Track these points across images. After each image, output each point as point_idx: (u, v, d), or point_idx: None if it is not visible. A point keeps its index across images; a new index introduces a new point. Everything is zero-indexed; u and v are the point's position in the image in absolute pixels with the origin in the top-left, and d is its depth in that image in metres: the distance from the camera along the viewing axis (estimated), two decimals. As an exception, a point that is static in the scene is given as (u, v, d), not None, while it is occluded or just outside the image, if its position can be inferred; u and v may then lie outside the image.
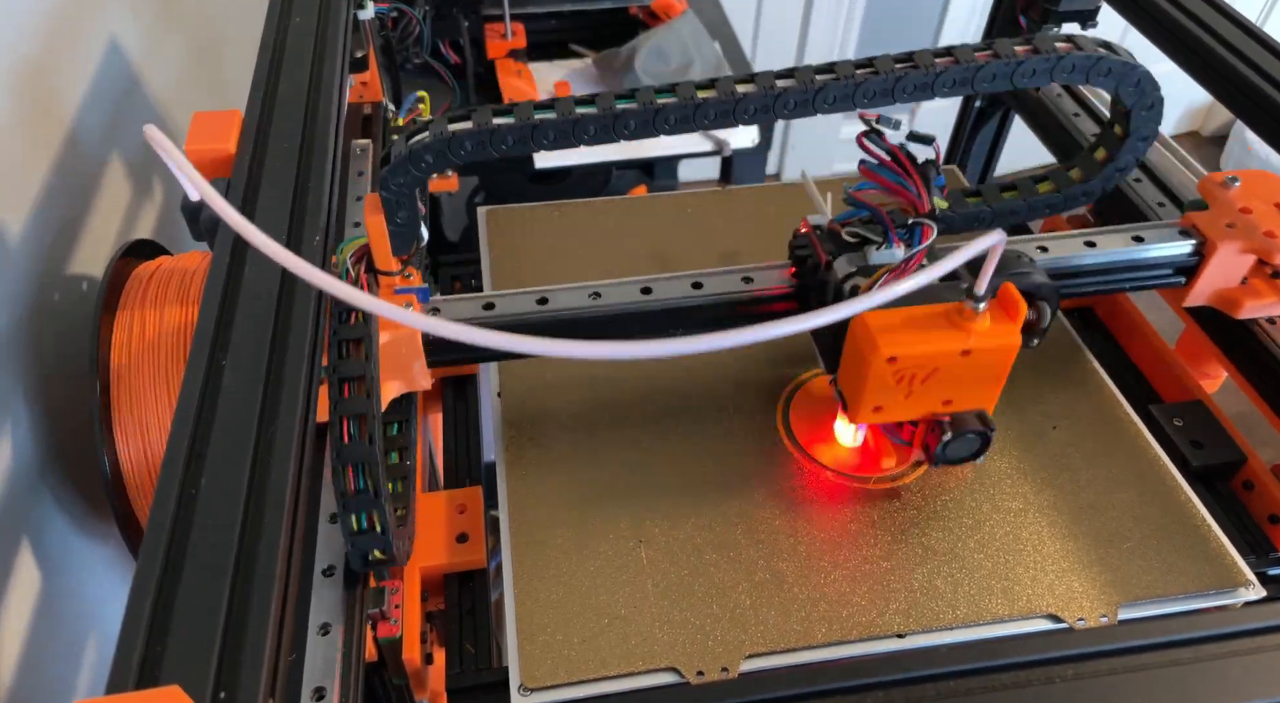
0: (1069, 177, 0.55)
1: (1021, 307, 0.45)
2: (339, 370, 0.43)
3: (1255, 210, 0.56)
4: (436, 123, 0.44)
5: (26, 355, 0.58)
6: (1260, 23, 1.88)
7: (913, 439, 0.50)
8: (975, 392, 0.47)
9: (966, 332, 0.44)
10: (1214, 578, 0.48)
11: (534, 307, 0.52)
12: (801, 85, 0.45)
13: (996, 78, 0.46)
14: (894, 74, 0.45)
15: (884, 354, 0.44)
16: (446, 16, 1.13)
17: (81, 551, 0.63)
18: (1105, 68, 0.47)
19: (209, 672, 0.30)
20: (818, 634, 0.46)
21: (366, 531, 0.42)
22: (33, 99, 0.62)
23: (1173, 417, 0.59)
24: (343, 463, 0.41)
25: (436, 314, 0.51)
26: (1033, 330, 0.50)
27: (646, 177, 1.22)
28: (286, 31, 0.61)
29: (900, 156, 0.48)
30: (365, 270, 0.48)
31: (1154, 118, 0.51)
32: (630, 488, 0.52)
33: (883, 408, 0.47)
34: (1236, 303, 0.56)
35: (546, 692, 0.44)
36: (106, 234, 0.71)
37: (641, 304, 0.52)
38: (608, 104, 0.44)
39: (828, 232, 0.51)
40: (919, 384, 0.46)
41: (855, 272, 0.48)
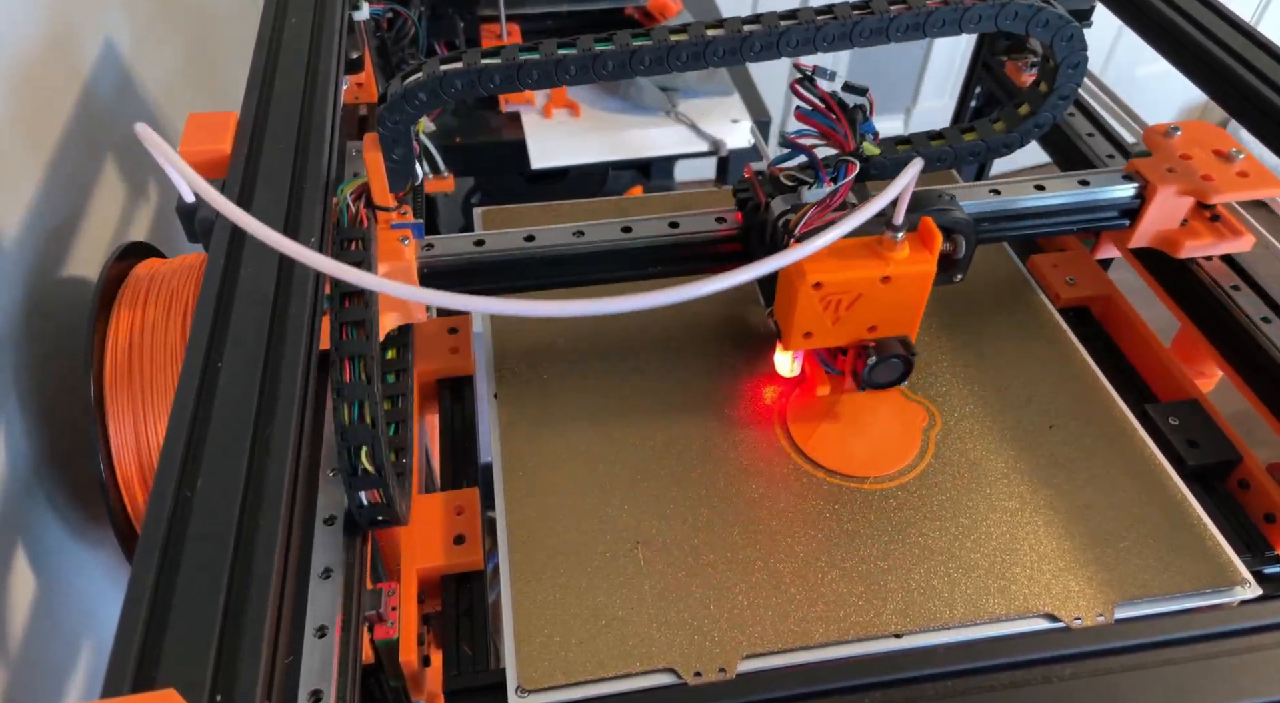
0: (993, 128, 0.58)
1: (937, 237, 0.49)
2: (340, 314, 0.46)
3: (1194, 157, 0.61)
4: (429, 64, 0.48)
5: (21, 358, 0.58)
6: (1254, 22, 1.88)
7: (844, 367, 0.54)
8: (898, 318, 0.51)
9: (886, 260, 0.48)
10: (1210, 577, 0.48)
11: (521, 243, 0.56)
12: (766, 29, 0.49)
13: (945, 24, 0.50)
14: (852, 19, 0.49)
15: (810, 280, 0.48)
16: (442, 17, 1.13)
17: (77, 553, 0.63)
18: (1043, 19, 0.51)
19: (205, 674, 0.30)
20: (815, 634, 0.46)
21: (367, 474, 0.43)
22: (28, 100, 0.62)
23: (1168, 416, 0.59)
24: (343, 400, 0.43)
25: (430, 249, 0.55)
26: (951, 263, 0.54)
27: (643, 177, 1.22)
28: (282, 32, 0.61)
29: (830, 102, 0.52)
30: (364, 206, 0.51)
31: (1076, 77, 0.54)
32: (627, 489, 0.52)
33: (813, 334, 0.51)
34: (1176, 243, 0.60)
35: (544, 693, 0.44)
36: (101, 236, 0.70)
37: (620, 243, 0.56)
38: (587, 45, 0.48)
39: (768, 176, 0.55)
40: (845, 310, 0.50)
41: (789, 209, 0.52)
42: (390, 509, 0.45)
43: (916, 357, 0.52)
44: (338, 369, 0.43)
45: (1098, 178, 0.60)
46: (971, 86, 0.87)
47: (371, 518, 0.45)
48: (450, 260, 0.55)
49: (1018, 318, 0.63)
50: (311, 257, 0.35)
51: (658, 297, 0.35)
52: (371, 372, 0.43)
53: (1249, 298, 0.59)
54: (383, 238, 0.52)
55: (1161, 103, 2.32)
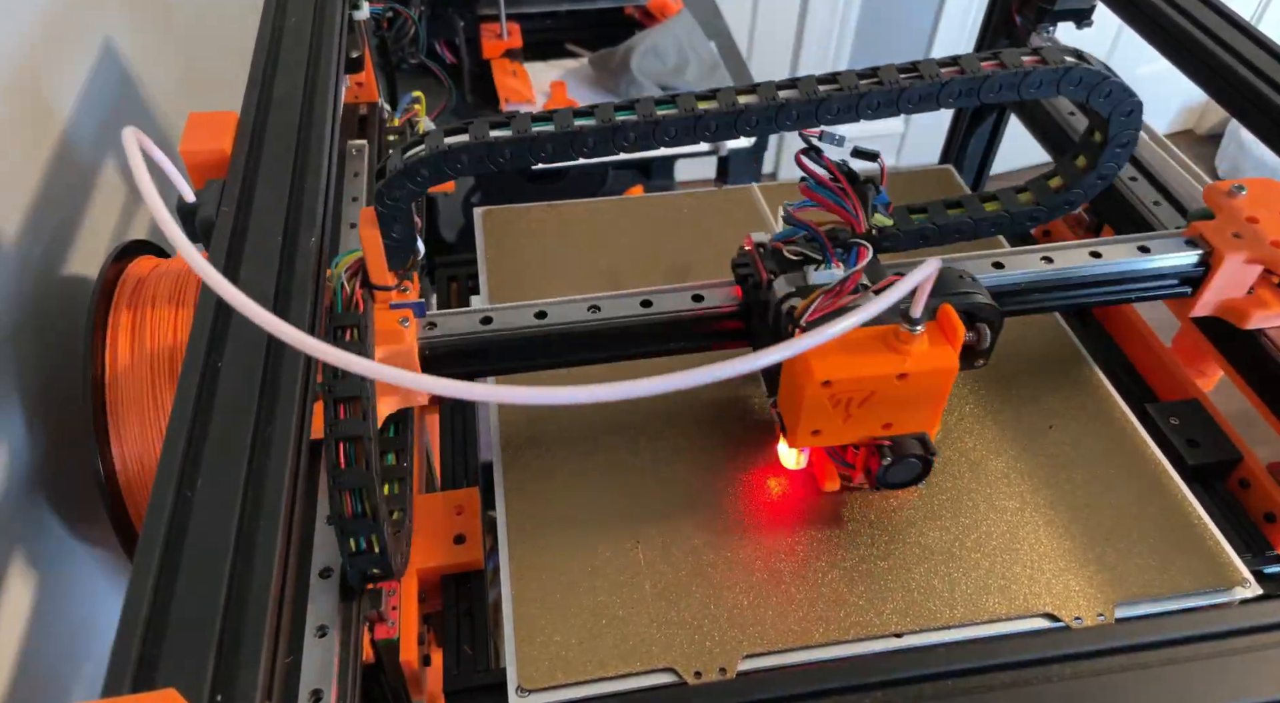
0: (1018, 199, 0.54)
1: (960, 329, 0.44)
2: (334, 391, 0.42)
3: (1262, 220, 0.55)
4: (432, 136, 0.43)
5: (21, 358, 0.58)
6: (1255, 21, 1.88)
7: (855, 462, 0.49)
8: (915, 415, 0.46)
9: (903, 355, 0.43)
10: (1210, 577, 0.48)
11: (532, 321, 0.51)
12: (804, 96, 0.44)
13: (1003, 88, 0.45)
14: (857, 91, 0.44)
15: (818, 379, 0.43)
16: (442, 16, 1.13)
17: (77, 554, 0.63)
18: (1107, 90, 0.46)
19: (205, 674, 0.30)
20: (815, 634, 0.46)
21: (365, 551, 0.41)
22: (28, 100, 0.62)
23: (1169, 416, 0.59)
24: (339, 488, 0.40)
25: (433, 329, 0.51)
26: (974, 352, 0.49)
27: (643, 176, 1.22)
28: (281, 32, 0.61)
29: (837, 175, 0.48)
30: (360, 285, 0.47)
31: (1123, 157, 0.50)
32: (628, 488, 0.52)
33: (821, 432, 0.46)
34: (1244, 314, 0.55)
35: (544, 693, 0.44)
36: (101, 235, 0.70)
37: (638, 317, 0.52)
38: (607, 116, 0.43)
39: (770, 249, 0.50)
40: (856, 408, 0.45)
41: (794, 292, 0.47)
42: (387, 572, 0.43)
43: (937, 457, 0.47)
44: (332, 453, 0.40)
45: (1158, 244, 0.55)
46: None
47: (365, 578, 0.43)
48: (454, 341, 0.51)
49: (1019, 318, 0.63)
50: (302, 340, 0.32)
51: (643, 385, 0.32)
52: (369, 454, 0.41)
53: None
54: (381, 319, 0.48)
55: (1162, 103, 2.32)
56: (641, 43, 1.18)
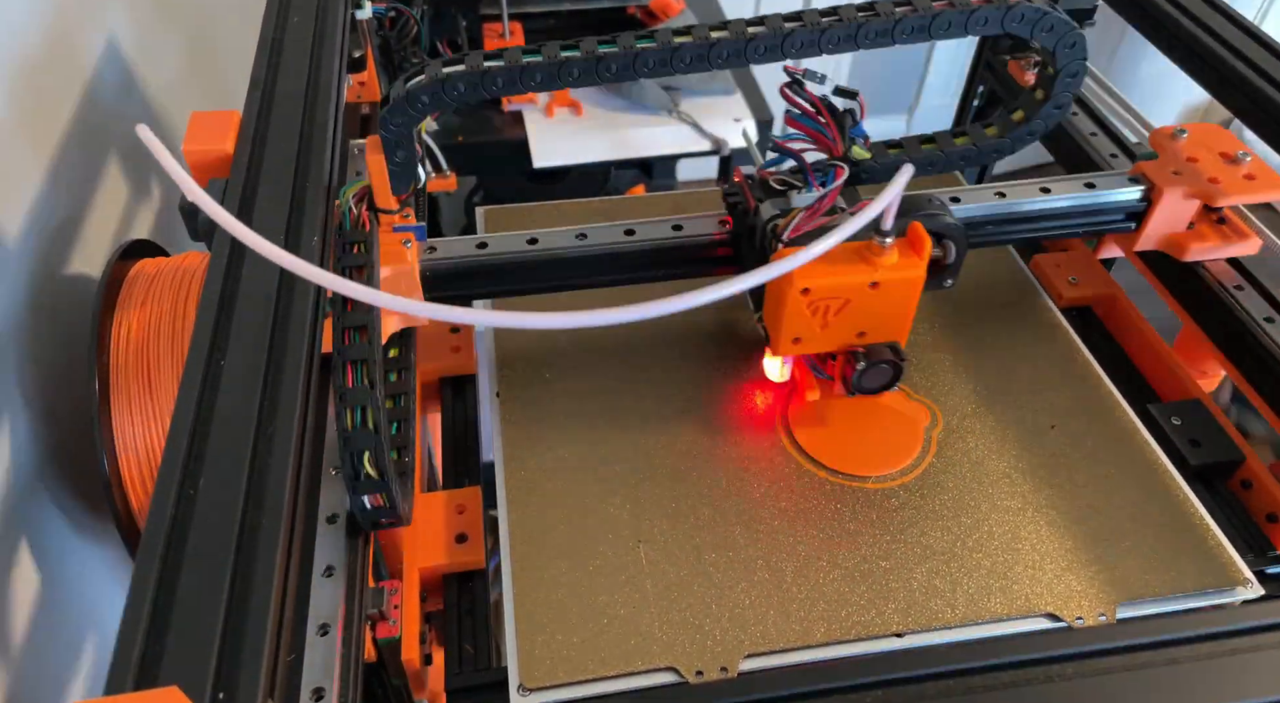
0: (985, 133, 0.58)
1: (926, 243, 0.48)
2: (344, 318, 0.45)
3: (1201, 159, 0.60)
4: (431, 66, 0.47)
5: (25, 356, 0.58)
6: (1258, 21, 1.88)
7: (833, 372, 0.53)
8: (887, 324, 0.51)
9: (874, 265, 0.48)
10: (1212, 577, 0.48)
11: (525, 246, 0.55)
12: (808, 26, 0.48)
13: (951, 26, 0.49)
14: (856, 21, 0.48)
15: (798, 286, 0.47)
16: (444, 16, 1.14)
17: (80, 551, 0.63)
18: (1049, 23, 0.50)
19: (208, 672, 0.30)
20: (817, 634, 0.46)
21: (369, 478, 0.43)
22: (31, 99, 0.62)
23: (1171, 416, 0.59)
24: (346, 405, 0.42)
25: (433, 252, 0.55)
26: (941, 268, 0.53)
27: (645, 176, 1.22)
28: (284, 31, 0.61)
29: (819, 106, 0.52)
30: (366, 209, 0.51)
31: (1074, 85, 0.54)
32: (629, 488, 0.52)
33: (801, 339, 0.51)
34: (1183, 247, 0.60)
35: (546, 692, 0.44)
36: (104, 234, 0.71)
37: (622, 245, 0.56)
38: (590, 48, 0.47)
39: (758, 180, 0.54)
40: (833, 316, 0.49)
41: (778, 214, 0.51)
42: (393, 511, 0.45)
43: (906, 362, 0.51)
44: (340, 374, 0.43)
45: (1103, 180, 0.60)
46: (974, 86, 0.87)
47: (374, 521, 0.45)
48: (453, 263, 0.54)
49: (1020, 318, 0.63)
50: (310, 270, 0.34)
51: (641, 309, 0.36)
52: (374, 376, 0.43)
53: (1252, 298, 0.59)
54: (385, 241, 0.52)
55: (1164, 102, 2.32)
56: (644, 42, 1.18)
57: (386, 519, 0.45)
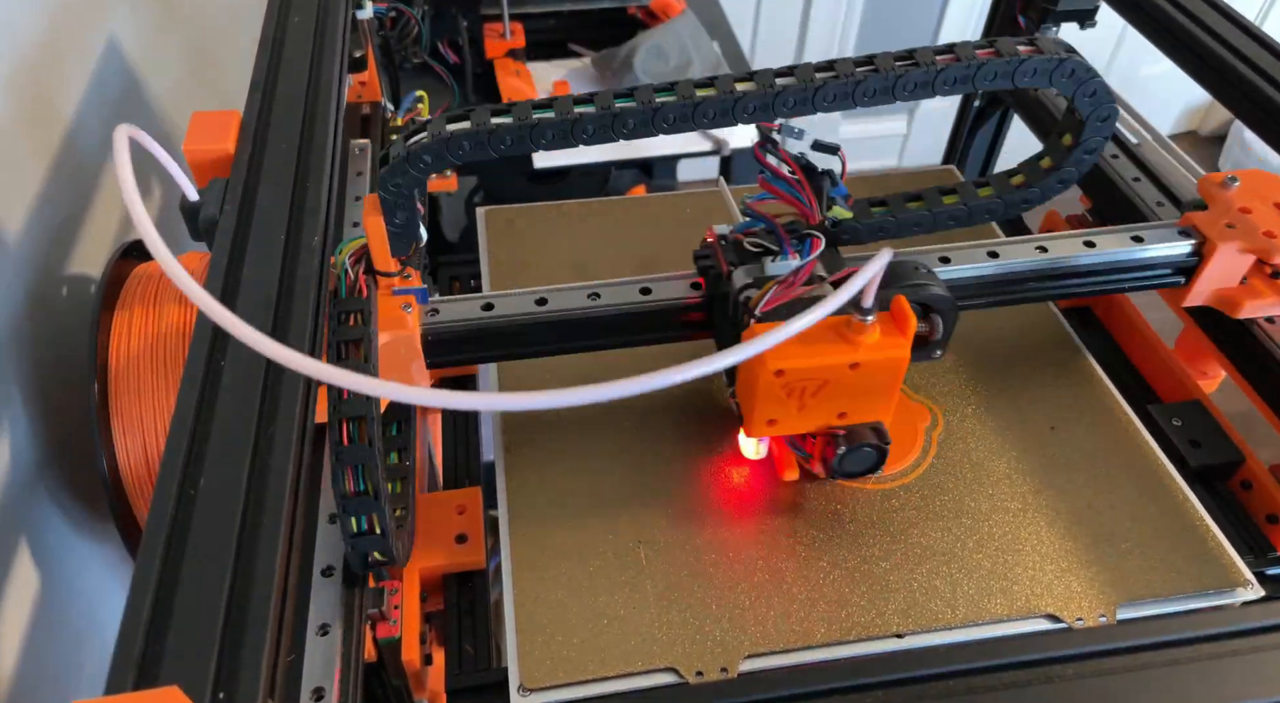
0: (975, 191, 0.54)
1: (911, 320, 0.45)
2: None
3: (1254, 210, 0.56)
4: (435, 123, 0.44)
5: (25, 355, 0.58)
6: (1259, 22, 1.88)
7: (813, 451, 0.50)
8: (869, 404, 0.47)
9: (855, 345, 0.44)
10: (1212, 578, 0.48)
11: (533, 307, 0.52)
12: (801, 83, 0.45)
13: (957, 82, 0.46)
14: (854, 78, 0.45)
15: (771, 367, 0.44)
16: (445, 16, 1.13)
17: (80, 551, 0.63)
18: (1067, 70, 0.46)
19: (208, 672, 0.30)
20: (817, 634, 0.46)
21: (366, 532, 0.42)
22: (32, 99, 0.62)
23: (1171, 417, 0.59)
24: (342, 465, 0.40)
25: (435, 316, 0.51)
26: (929, 342, 0.49)
27: (645, 176, 1.22)
28: (285, 31, 0.61)
29: (794, 167, 0.49)
30: (364, 271, 0.48)
31: (1105, 130, 0.50)
32: (629, 488, 0.52)
33: (776, 421, 0.47)
34: (1236, 303, 0.56)
35: (546, 692, 0.44)
36: (105, 234, 0.71)
37: (639, 305, 0.52)
38: (606, 103, 0.44)
39: (731, 242, 0.51)
40: (810, 397, 0.46)
41: (751, 283, 0.48)
42: (390, 560, 0.43)
43: (890, 445, 0.48)
44: (335, 431, 0.41)
45: (1151, 233, 0.56)
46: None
47: (367, 567, 0.44)
48: (457, 327, 0.51)
49: (1020, 319, 0.63)
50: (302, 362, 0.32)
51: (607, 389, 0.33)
52: (372, 434, 0.41)
53: (1252, 299, 0.59)
54: (384, 305, 0.48)
55: (1166, 103, 2.32)
56: (644, 43, 1.18)
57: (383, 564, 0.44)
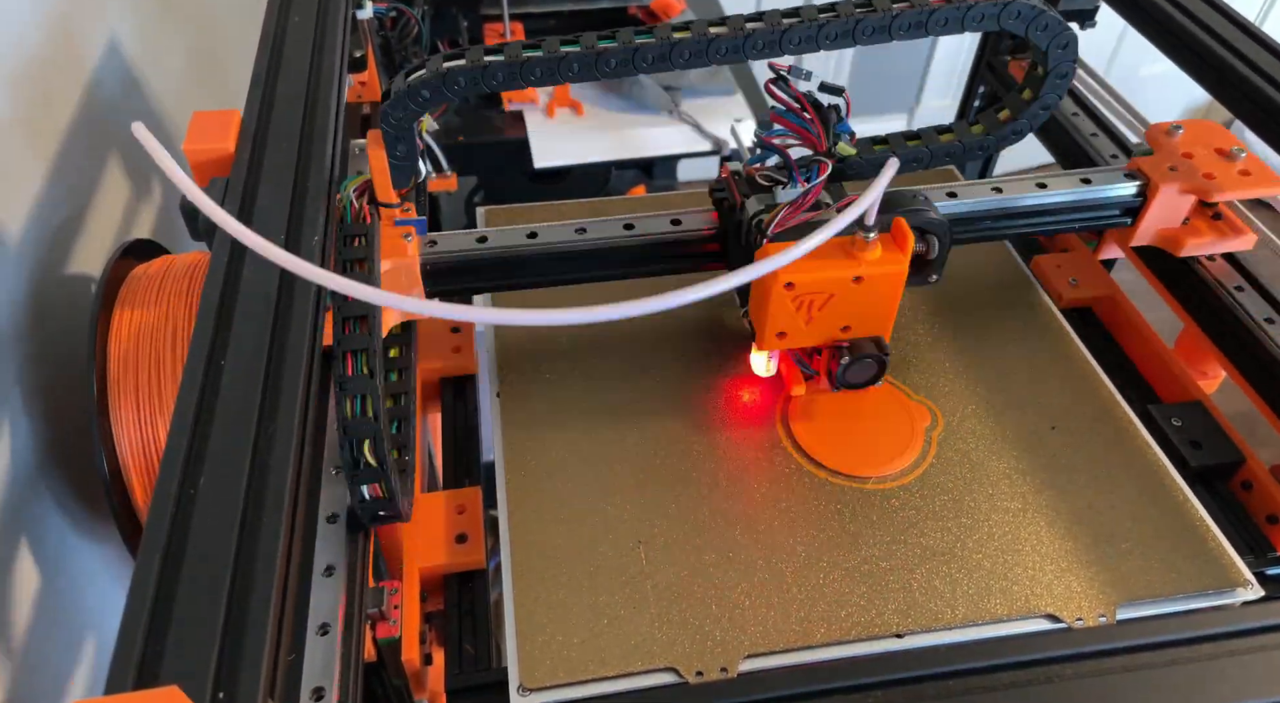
0: (970, 130, 0.58)
1: (909, 238, 0.49)
2: (343, 309, 0.45)
3: (1196, 155, 0.60)
4: (433, 61, 0.47)
5: (25, 354, 0.58)
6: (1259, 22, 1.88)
7: (819, 367, 0.54)
8: (871, 318, 0.51)
9: (858, 260, 0.49)
10: (1212, 578, 0.48)
11: (524, 240, 0.56)
12: (805, 22, 0.48)
13: (948, 22, 0.49)
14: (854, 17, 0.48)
15: (781, 280, 0.48)
16: (445, 16, 1.14)
17: (80, 550, 0.63)
18: (1044, 22, 0.50)
19: (208, 672, 0.30)
20: (817, 634, 0.46)
21: (369, 468, 0.43)
22: (32, 98, 0.62)
23: (1171, 417, 0.59)
24: (346, 394, 0.42)
25: (434, 246, 0.55)
26: (925, 263, 0.53)
27: (645, 176, 1.22)
28: (285, 31, 0.61)
29: (804, 102, 0.52)
30: (367, 203, 0.51)
31: (1062, 87, 0.54)
32: (630, 488, 0.52)
33: (786, 334, 0.51)
34: (1178, 242, 0.60)
35: (546, 692, 0.44)
36: (105, 233, 0.71)
37: (622, 239, 0.56)
38: (590, 43, 0.48)
39: (744, 176, 0.55)
40: (817, 310, 0.50)
41: (763, 209, 0.52)
42: (392, 504, 0.45)
43: (889, 356, 0.52)
44: (340, 364, 0.43)
45: (1099, 176, 0.60)
46: (974, 86, 0.87)
47: (373, 513, 0.45)
48: (453, 257, 0.55)
49: (1020, 319, 0.63)
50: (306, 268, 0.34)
51: (627, 307, 0.36)
52: (374, 366, 0.43)
53: (1252, 298, 0.59)
54: (386, 234, 0.52)
55: (1165, 103, 2.32)
56: (644, 43, 1.18)
57: (385, 512, 0.45)
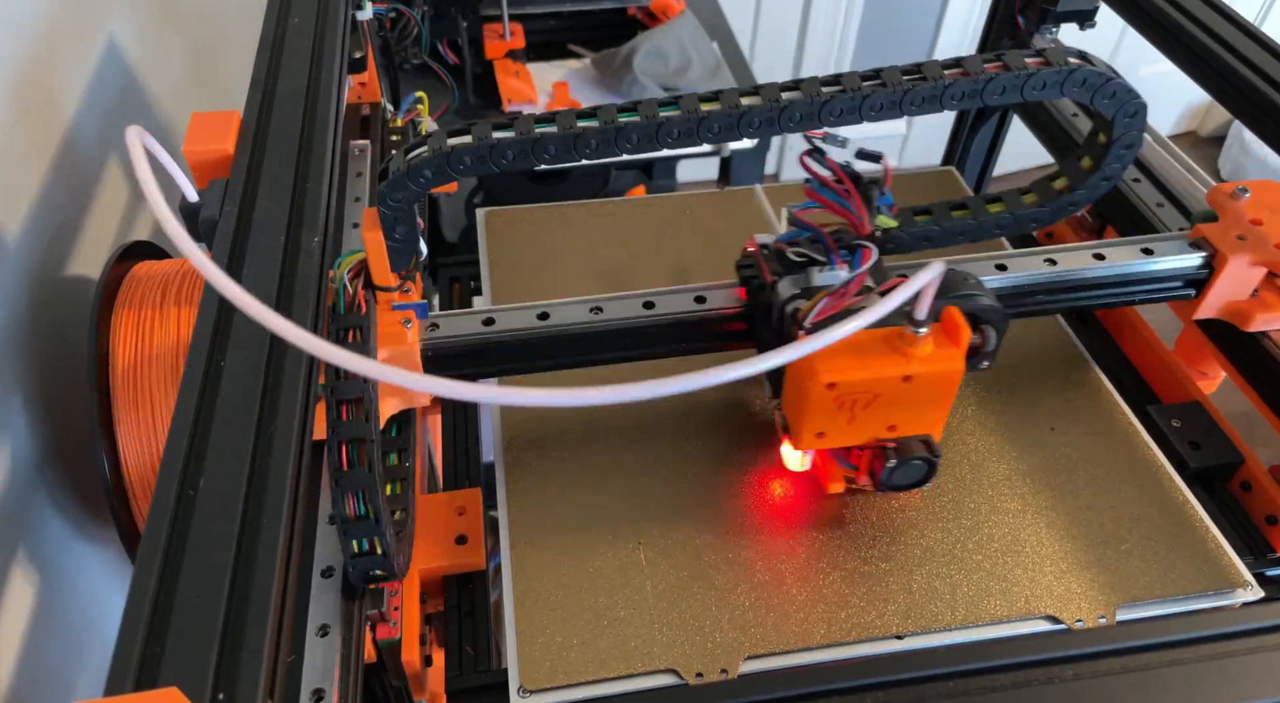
0: (1022, 200, 0.54)
1: (965, 331, 0.44)
2: (337, 391, 0.42)
3: (1266, 222, 0.55)
4: (435, 137, 0.44)
5: (24, 357, 0.58)
6: (1258, 23, 1.88)
7: (859, 464, 0.49)
8: (920, 416, 0.46)
9: (907, 357, 0.43)
10: (1212, 579, 0.48)
11: (534, 322, 0.51)
12: (807, 98, 0.44)
13: (1006, 91, 0.45)
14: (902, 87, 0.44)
15: (823, 380, 0.43)
16: (445, 17, 1.13)
17: (80, 553, 0.63)
18: (1112, 91, 0.46)
19: (207, 673, 0.30)
20: (817, 636, 0.46)
21: (367, 553, 0.41)
22: (31, 100, 0.62)
23: (1171, 418, 0.59)
24: (342, 491, 0.40)
25: (435, 330, 0.51)
26: (979, 354, 0.49)
27: (645, 177, 1.22)
28: (285, 32, 0.61)
29: (841, 176, 0.48)
30: (363, 286, 0.48)
31: (1129, 157, 0.50)
32: (629, 489, 0.52)
33: (826, 434, 0.46)
34: (1247, 316, 0.55)
35: (546, 693, 0.44)
36: (104, 235, 0.71)
37: (643, 318, 0.52)
38: (609, 117, 0.43)
39: (774, 251, 0.50)
40: (861, 410, 0.45)
41: (798, 293, 0.47)
42: (390, 572, 0.43)
43: (940, 458, 0.47)
44: (335, 456, 0.41)
45: (1161, 246, 0.56)
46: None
47: (368, 579, 0.44)
48: (457, 342, 0.51)
49: (1020, 319, 0.63)
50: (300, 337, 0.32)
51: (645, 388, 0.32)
52: (372, 457, 0.41)
53: (1252, 299, 0.59)
54: (383, 320, 0.48)
55: (1165, 104, 2.32)
56: (644, 43, 1.18)
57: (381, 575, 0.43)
